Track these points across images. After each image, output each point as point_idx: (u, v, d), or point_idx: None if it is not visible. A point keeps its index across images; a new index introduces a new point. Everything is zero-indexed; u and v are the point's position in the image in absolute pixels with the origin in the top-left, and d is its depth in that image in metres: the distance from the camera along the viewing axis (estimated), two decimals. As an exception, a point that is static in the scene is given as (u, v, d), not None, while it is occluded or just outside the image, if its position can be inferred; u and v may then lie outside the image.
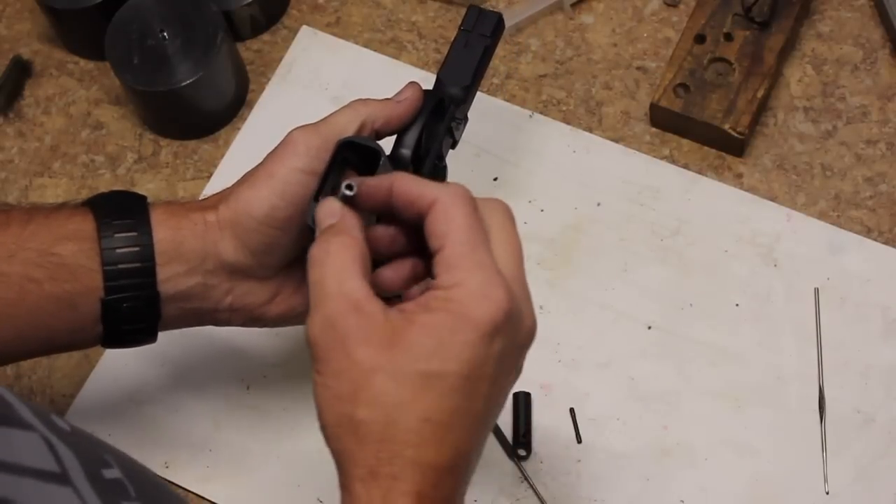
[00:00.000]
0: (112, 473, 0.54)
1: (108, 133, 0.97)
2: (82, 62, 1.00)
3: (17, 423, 0.50)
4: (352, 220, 0.62)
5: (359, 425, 0.58)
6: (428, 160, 0.75)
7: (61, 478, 0.50)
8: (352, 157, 0.70)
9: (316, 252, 0.61)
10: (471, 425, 0.59)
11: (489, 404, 0.60)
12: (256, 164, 0.74)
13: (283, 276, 0.75)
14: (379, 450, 0.58)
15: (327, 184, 0.69)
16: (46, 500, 0.49)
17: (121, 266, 0.70)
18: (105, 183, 0.95)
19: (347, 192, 0.63)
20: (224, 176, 0.93)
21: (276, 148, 0.73)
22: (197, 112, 0.95)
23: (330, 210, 0.63)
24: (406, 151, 0.73)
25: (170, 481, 0.83)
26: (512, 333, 0.60)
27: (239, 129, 0.96)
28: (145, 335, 0.73)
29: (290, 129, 0.74)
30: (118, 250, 0.70)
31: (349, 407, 0.58)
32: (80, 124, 0.98)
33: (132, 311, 0.71)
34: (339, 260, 0.60)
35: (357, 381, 0.58)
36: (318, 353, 0.59)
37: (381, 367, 0.58)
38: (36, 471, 0.49)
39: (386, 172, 0.69)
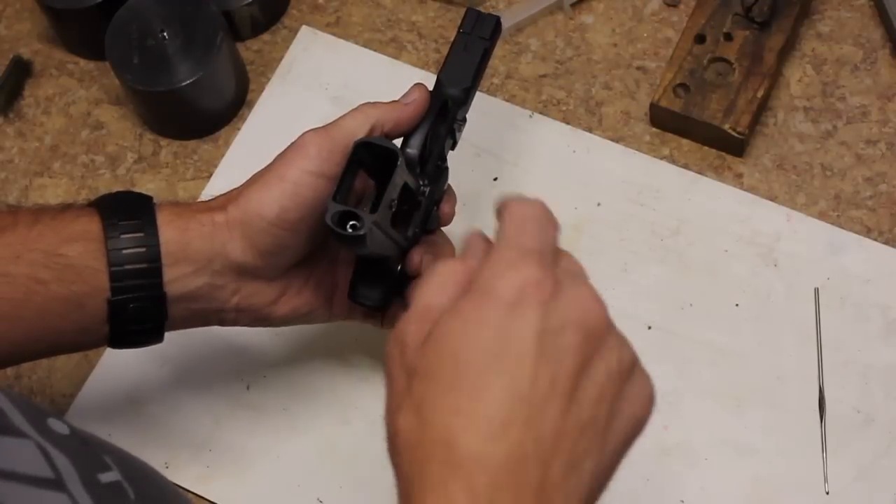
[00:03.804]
0: (110, 477, 0.54)
1: (108, 133, 0.97)
2: (82, 62, 1.00)
3: (10, 431, 0.50)
4: (477, 245, 0.59)
5: (397, 434, 0.54)
6: (431, 161, 0.75)
7: (55, 484, 0.50)
8: (367, 158, 0.71)
9: None
10: (518, 409, 0.52)
11: (542, 387, 0.52)
12: (257, 163, 0.74)
13: (290, 277, 0.75)
14: (411, 455, 0.53)
15: (344, 184, 0.69)
16: None
17: (127, 267, 0.70)
18: (105, 183, 0.95)
19: None
20: (224, 176, 0.93)
21: (286, 150, 0.73)
22: (197, 112, 0.94)
23: (471, 241, 0.60)
24: (413, 152, 0.74)
25: (169, 481, 0.83)
26: (550, 304, 0.53)
27: (239, 129, 0.96)
28: (152, 335, 0.73)
29: (290, 129, 0.74)
30: (124, 251, 0.70)
31: (392, 419, 0.54)
32: (80, 124, 0.98)
33: (139, 311, 0.71)
34: (435, 279, 0.57)
35: (400, 389, 0.54)
36: (386, 370, 0.56)
37: (415, 370, 0.54)
38: (29, 477, 0.49)
39: (403, 174, 0.70)
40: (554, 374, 0.53)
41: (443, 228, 0.79)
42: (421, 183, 0.74)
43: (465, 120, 0.79)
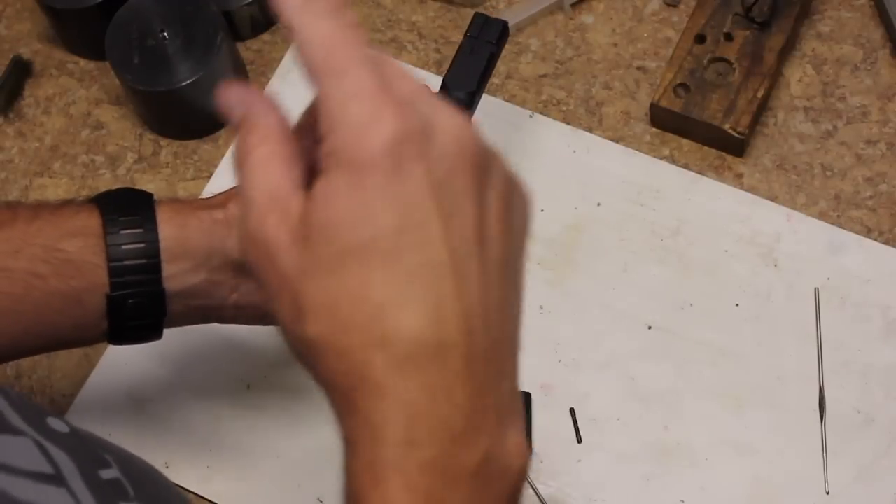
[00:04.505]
0: (110, 474, 0.54)
1: (108, 133, 0.97)
2: (82, 62, 1.00)
3: (7, 429, 0.50)
4: (270, 117, 0.51)
5: (311, 346, 0.47)
6: None
7: (55, 479, 0.50)
8: None
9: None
10: (443, 281, 0.46)
11: (458, 246, 0.47)
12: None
13: None
14: (344, 363, 0.47)
15: None
16: (40, 497, 0.49)
17: (126, 262, 0.70)
18: (105, 183, 0.95)
19: None
20: (224, 176, 0.93)
21: None
22: (197, 112, 0.94)
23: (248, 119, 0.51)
24: None
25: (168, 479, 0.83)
26: (427, 150, 0.46)
27: (239, 129, 0.95)
28: (151, 332, 0.73)
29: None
30: (124, 247, 0.70)
31: (299, 329, 0.47)
32: (80, 124, 0.98)
33: (137, 307, 0.71)
34: (256, 168, 0.49)
35: (293, 293, 0.47)
36: (254, 270, 0.49)
37: (305, 270, 0.47)
38: (28, 472, 0.49)
39: None
40: (461, 226, 0.47)
41: None
42: None
43: None
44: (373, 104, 0.46)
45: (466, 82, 0.78)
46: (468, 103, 0.78)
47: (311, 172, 0.49)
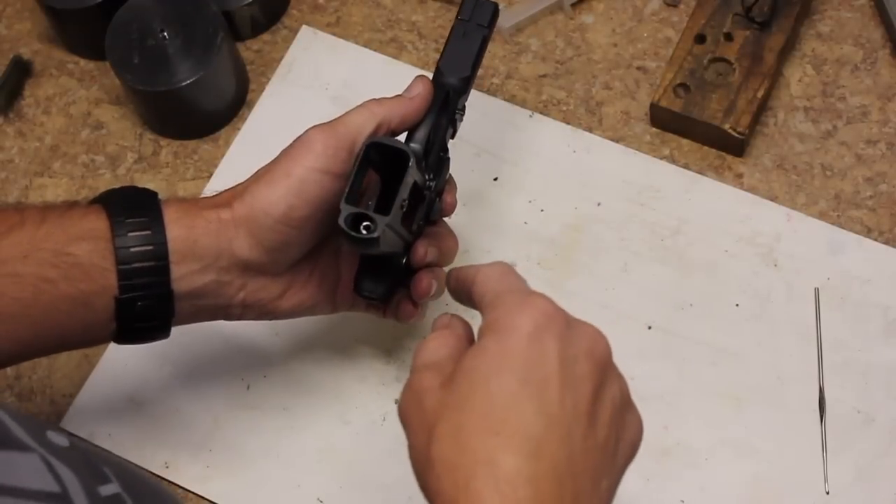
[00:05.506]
0: (110, 489, 0.54)
1: (108, 133, 0.97)
2: (82, 62, 1.00)
3: (16, 445, 0.50)
4: (456, 322, 0.65)
5: (433, 463, 0.57)
6: (433, 153, 0.75)
7: (61, 498, 0.50)
8: (376, 157, 0.71)
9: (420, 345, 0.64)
10: (549, 429, 0.56)
11: (569, 411, 0.57)
12: (257, 163, 0.74)
13: (295, 271, 0.76)
14: (454, 476, 0.56)
15: (354, 185, 0.69)
16: None
17: (135, 265, 0.70)
18: (105, 183, 0.95)
19: None
20: (224, 176, 0.93)
21: (291, 146, 0.73)
22: (197, 112, 0.95)
23: (441, 321, 0.65)
24: (418, 147, 0.75)
25: (170, 481, 0.83)
26: (565, 334, 0.58)
27: (239, 129, 0.96)
28: (158, 331, 0.74)
29: (290, 129, 0.74)
30: (132, 249, 0.70)
31: (426, 450, 0.57)
32: (80, 124, 0.98)
33: (146, 309, 0.71)
34: (431, 343, 0.62)
35: (429, 425, 0.58)
36: (404, 421, 0.60)
37: (444, 404, 0.58)
38: (36, 492, 0.49)
39: (413, 173, 0.70)
40: (575, 398, 0.57)
41: (444, 219, 0.80)
42: (427, 178, 0.74)
43: (464, 108, 0.79)
44: (527, 294, 0.60)
45: (461, 68, 0.77)
46: (462, 89, 0.77)
47: None
